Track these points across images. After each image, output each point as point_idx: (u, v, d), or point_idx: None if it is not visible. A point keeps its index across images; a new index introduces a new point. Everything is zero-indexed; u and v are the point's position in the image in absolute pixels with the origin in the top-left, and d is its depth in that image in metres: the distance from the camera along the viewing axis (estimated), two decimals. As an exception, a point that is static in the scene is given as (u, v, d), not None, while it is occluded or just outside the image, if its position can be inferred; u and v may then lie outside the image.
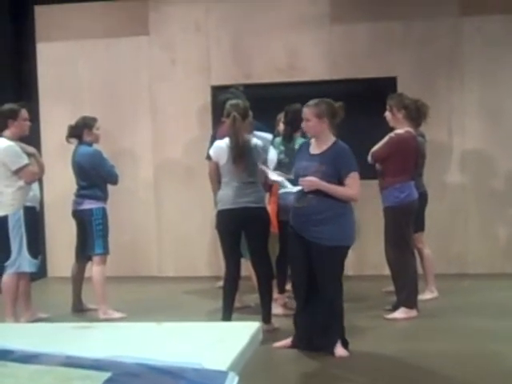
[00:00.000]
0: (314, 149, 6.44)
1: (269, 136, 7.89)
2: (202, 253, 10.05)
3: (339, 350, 6.29)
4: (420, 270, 7.99)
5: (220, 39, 10.15)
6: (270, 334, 6.84)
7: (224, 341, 3.03)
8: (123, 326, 3.94)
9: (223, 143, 6.98)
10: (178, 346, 2.97)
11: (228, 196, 6.94)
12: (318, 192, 6.25)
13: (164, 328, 3.37)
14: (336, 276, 6.37)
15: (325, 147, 6.38)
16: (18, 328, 4.30)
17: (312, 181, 6.23)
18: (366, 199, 9.52)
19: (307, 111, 6.43)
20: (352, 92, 9.66)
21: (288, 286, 8.45)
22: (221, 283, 8.85)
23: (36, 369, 2.48)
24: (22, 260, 7.45)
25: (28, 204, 7.53)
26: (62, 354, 2.55)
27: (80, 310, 8.21)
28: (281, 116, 8.60)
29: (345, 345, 6.36)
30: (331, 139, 6.42)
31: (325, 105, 6.42)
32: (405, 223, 7.47)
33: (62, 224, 9.59)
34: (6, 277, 7.49)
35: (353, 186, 6.28)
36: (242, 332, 3.15)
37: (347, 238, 6.38)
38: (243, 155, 6.88)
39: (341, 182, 6.27)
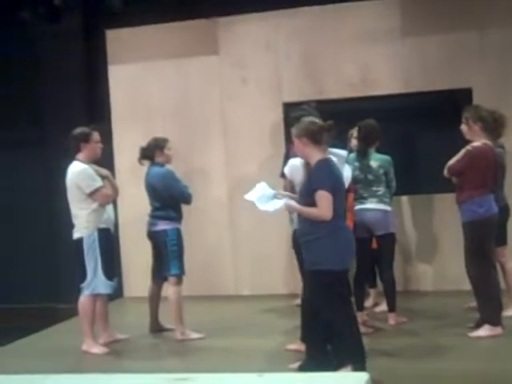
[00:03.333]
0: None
1: (344, 153, 7.76)
2: (279, 271, 9.95)
3: None
4: (503, 285, 7.76)
5: (290, 56, 10.08)
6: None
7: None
8: (223, 377, 3.73)
9: (298, 161, 6.87)
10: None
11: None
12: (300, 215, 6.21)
13: (266, 380, 3.15)
14: (326, 301, 6.06)
15: (312, 167, 6.26)
16: (113, 379, 4.12)
17: (287, 204, 6.17)
18: (443, 213, 9.45)
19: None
20: (426, 105, 9.53)
21: (367, 304, 8.37)
22: (298, 301, 8.78)
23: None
24: (97, 282, 7.49)
25: (102, 226, 7.55)
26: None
27: (157, 331, 8.20)
28: (353, 132, 8.53)
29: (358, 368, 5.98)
30: (315, 158, 6.20)
31: (303, 124, 6.29)
32: (485, 237, 7.26)
33: (137, 245, 9.60)
34: (82, 298, 7.54)
35: (320, 204, 5.95)
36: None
37: (329, 261, 5.96)
38: None
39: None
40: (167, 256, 7.88)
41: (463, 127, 7.47)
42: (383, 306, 8.34)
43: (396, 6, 9.74)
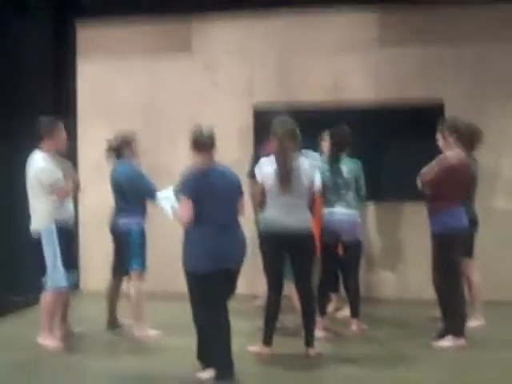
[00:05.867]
0: None
1: (317, 155, 7.72)
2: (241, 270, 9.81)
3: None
4: (468, 297, 7.71)
5: (264, 61, 10.01)
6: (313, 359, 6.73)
7: None
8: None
9: (269, 163, 6.79)
10: None
11: (274, 217, 6.75)
12: None
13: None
14: (193, 301, 6.22)
15: None
16: None
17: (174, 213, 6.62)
18: (408, 221, 9.44)
19: None
20: (398, 115, 9.54)
21: (329, 309, 8.29)
22: (259, 302, 8.72)
23: None
24: (57, 274, 7.32)
25: (60, 218, 7.39)
26: None
27: (115, 327, 8.04)
28: (323, 135, 8.45)
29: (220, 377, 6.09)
30: None
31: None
32: (454, 249, 7.21)
33: (97, 239, 9.48)
34: (46, 294, 7.37)
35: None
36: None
37: (185, 263, 6.19)
38: (290, 176, 6.69)
39: None
40: (129, 251, 7.75)
41: (439, 137, 7.42)
42: (345, 312, 8.30)
43: (374, 17, 9.76)
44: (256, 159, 7.52)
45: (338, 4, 9.79)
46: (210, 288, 6.07)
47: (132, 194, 7.80)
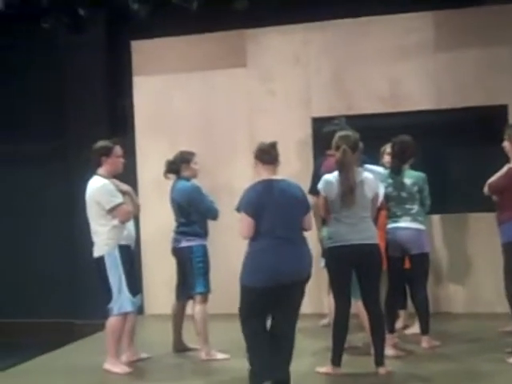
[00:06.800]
0: None
1: (381, 169, 7.56)
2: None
3: None
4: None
5: (320, 70, 9.89)
6: (384, 378, 6.56)
7: None
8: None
9: (332, 177, 6.66)
10: None
11: (339, 233, 6.61)
12: None
13: None
14: (240, 315, 6.35)
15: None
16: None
17: None
18: (476, 233, 9.20)
19: None
20: (459, 122, 9.29)
21: (397, 326, 8.10)
22: (325, 321, 8.59)
23: None
24: (123, 299, 7.25)
25: (123, 243, 7.32)
26: None
27: (181, 350, 7.96)
28: (385, 148, 8.33)
29: None
30: None
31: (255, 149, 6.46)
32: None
33: (160, 261, 9.42)
34: (111, 318, 7.28)
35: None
36: None
37: (242, 276, 6.31)
38: (354, 190, 6.54)
39: None
40: (192, 273, 7.65)
41: (506, 144, 7.24)
42: (414, 329, 8.10)
43: (429, 20, 9.54)
44: (317, 175, 7.39)
45: (392, 9, 9.58)
46: (260, 302, 6.15)
47: (192, 214, 7.71)
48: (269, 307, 6.24)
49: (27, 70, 10.75)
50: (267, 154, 6.36)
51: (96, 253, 7.29)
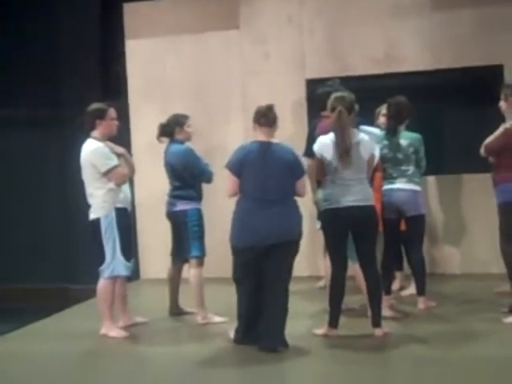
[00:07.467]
0: None
1: (376, 131, 7.50)
2: (301, 252, 9.65)
3: None
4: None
5: (314, 31, 9.80)
6: (381, 340, 6.57)
7: None
8: None
9: (328, 139, 6.61)
10: None
11: (334, 194, 6.57)
12: None
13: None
14: (232, 275, 6.59)
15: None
16: None
17: None
18: (472, 194, 9.18)
19: None
20: (455, 82, 9.24)
21: (394, 287, 8.11)
22: (321, 283, 8.58)
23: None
24: (116, 263, 7.20)
25: (119, 205, 7.26)
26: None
27: (178, 314, 7.95)
28: (381, 109, 8.27)
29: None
30: None
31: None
32: (522, 219, 6.99)
33: (155, 225, 9.41)
34: (101, 281, 7.24)
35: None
36: None
37: (231, 237, 6.52)
38: (350, 151, 6.49)
39: None
40: (187, 237, 7.61)
41: (502, 104, 7.19)
42: (410, 290, 8.10)
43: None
44: (312, 137, 7.34)
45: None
46: (248, 262, 6.33)
47: (187, 177, 7.66)
48: (260, 267, 6.35)
49: (19, 36, 10.62)
50: (264, 117, 6.43)
51: (92, 215, 7.23)
